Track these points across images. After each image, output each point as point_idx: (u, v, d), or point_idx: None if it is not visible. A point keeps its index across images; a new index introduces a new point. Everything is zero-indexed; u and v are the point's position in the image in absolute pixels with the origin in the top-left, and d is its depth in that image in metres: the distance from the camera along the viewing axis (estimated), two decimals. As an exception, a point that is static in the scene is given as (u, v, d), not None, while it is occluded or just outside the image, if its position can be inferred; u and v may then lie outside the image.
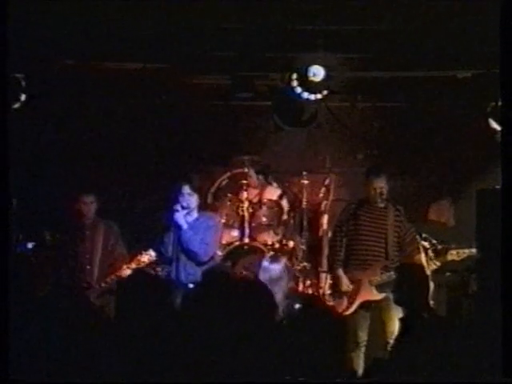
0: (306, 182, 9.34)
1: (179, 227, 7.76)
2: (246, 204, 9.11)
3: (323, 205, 9.41)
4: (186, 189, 7.79)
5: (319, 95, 8.46)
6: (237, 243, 9.05)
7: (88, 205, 8.10)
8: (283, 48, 8.15)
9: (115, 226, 8.24)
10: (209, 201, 9.27)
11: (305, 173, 9.34)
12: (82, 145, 9.35)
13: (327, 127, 9.53)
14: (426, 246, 7.94)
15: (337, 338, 5.13)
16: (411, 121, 9.53)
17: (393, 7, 7.49)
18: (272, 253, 8.57)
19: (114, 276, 7.76)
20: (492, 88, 7.94)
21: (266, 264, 7.21)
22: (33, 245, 8.35)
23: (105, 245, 8.13)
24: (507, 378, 4.82)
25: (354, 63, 8.44)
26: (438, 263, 7.95)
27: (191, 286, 7.37)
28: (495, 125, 8.49)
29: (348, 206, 8.16)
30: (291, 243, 9.21)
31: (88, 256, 8.08)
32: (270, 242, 9.08)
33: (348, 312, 7.74)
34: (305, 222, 9.33)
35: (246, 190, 9.19)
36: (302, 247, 9.27)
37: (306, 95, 8.44)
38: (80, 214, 8.11)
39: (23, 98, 8.10)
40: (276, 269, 7.07)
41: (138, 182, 9.50)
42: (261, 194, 9.35)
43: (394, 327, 7.14)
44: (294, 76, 8.37)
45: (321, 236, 9.35)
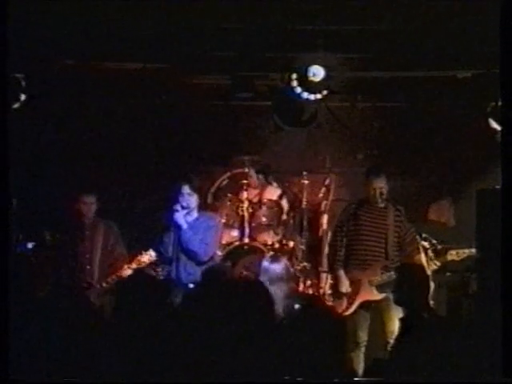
0: (306, 182, 9.34)
1: (179, 227, 7.75)
2: (245, 204, 9.11)
3: (323, 205, 9.41)
4: (186, 189, 7.79)
5: (319, 95, 8.46)
6: (237, 243, 9.05)
7: (88, 205, 8.10)
8: (283, 48, 8.15)
9: (115, 226, 8.24)
10: (209, 201, 9.26)
11: (305, 173, 9.34)
12: (82, 145, 9.35)
13: (327, 127, 9.53)
14: (425, 246, 7.94)
15: (337, 338, 5.12)
16: (411, 121, 9.52)
17: (393, 7, 7.50)
18: (272, 253, 8.58)
19: (115, 276, 7.76)
20: (492, 88, 7.94)
21: (266, 264, 7.22)
22: (33, 245, 8.36)
23: (105, 245, 8.13)
24: (507, 378, 4.82)
25: (353, 63, 8.44)
26: (438, 263, 7.95)
27: (191, 285, 7.37)
28: (495, 125, 8.48)
29: (348, 206, 8.16)
30: (291, 243, 9.21)
31: (88, 256, 8.09)
32: (269, 242, 9.08)
33: (348, 312, 7.74)
34: (305, 222, 9.33)
35: (246, 190, 9.19)
36: (302, 247, 9.26)
37: (305, 95, 8.44)
38: (80, 214, 8.12)
39: (23, 97, 8.10)
40: (276, 269, 7.08)
41: (138, 181, 9.50)
42: (261, 193, 9.35)
43: (394, 327, 7.14)
44: (294, 76, 8.37)
45: (321, 236, 9.35)
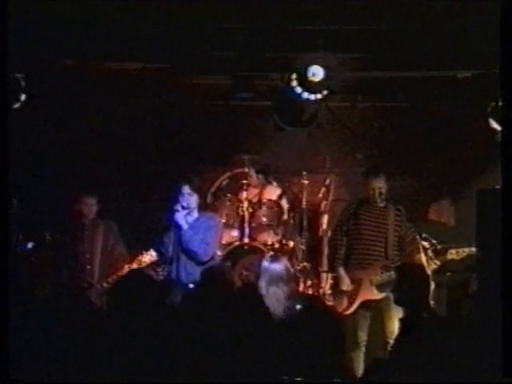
0: (306, 181, 9.34)
1: (179, 227, 7.75)
2: (245, 204, 9.11)
3: (323, 205, 9.42)
4: (186, 189, 7.78)
5: (319, 95, 8.46)
6: (237, 243, 9.05)
7: (89, 206, 8.12)
8: (283, 48, 8.15)
9: (115, 226, 8.24)
10: (209, 201, 9.26)
11: (305, 173, 9.34)
12: (82, 145, 9.35)
13: (327, 127, 9.52)
14: (425, 245, 7.94)
15: (337, 338, 5.13)
16: (411, 121, 9.52)
17: (393, 7, 7.50)
18: (271, 253, 8.57)
19: (116, 276, 7.76)
20: (492, 88, 7.94)
21: (266, 264, 7.21)
22: (33, 245, 8.36)
23: (105, 245, 8.13)
24: (507, 378, 4.82)
25: (353, 63, 8.44)
26: (438, 262, 7.95)
27: (191, 285, 7.37)
28: (495, 125, 8.48)
29: (348, 205, 8.16)
30: (291, 243, 9.20)
31: (88, 256, 8.09)
32: (270, 242, 9.08)
33: (348, 312, 7.74)
34: (305, 222, 9.33)
35: (246, 190, 9.18)
36: (302, 247, 9.26)
37: (305, 95, 8.44)
38: (80, 215, 8.12)
39: (23, 97, 8.10)
40: (277, 268, 7.07)
41: (138, 182, 9.50)
42: (261, 193, 9.35)
43: (394, 327, 7.14)
44: (294, 76, 8.37)
45: (321, 236, 9.35)
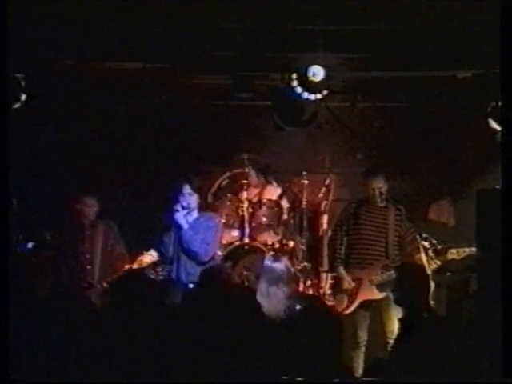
0: (306, 181, 9.33)
1: (179, 227, 7.74)
2: (245, 204, 9.10)
3: (323, 205, 9.41)
4: (187, 188, 7.77)
5: (319, 95, 8.46)
6: (237, 243, 9.04)
7: (89, 207, 8.13)
8: (283, 48, 8.15)
9: (115, 226, 8.25)
10: (209, 201, 9.25)
11: (305, 173, 9.34)
12: (82, 145, 9.35)
13: (327, 127, 9.52)
14: (426, 245, 7.94)
15: (337, 338, 5.13)
16: (411, 121, 9.52)
17: (393, 7, 7.49)
18: (272, 252, 8.57)
19: (116, 276, 7.75)
20: (492, 88, 7.93)
21: (267, 264, 7.21)
22: (33, 245, 8.36)
23: (105, 245, 8.14)
24: (507, 378, 4.82)
25: (354, 63, 8.43)
26: (438, 262, 7.96)
27: (191, 285, 7.36)
28: (495, 125, 8.48)
29: (348, 205, 8.16)
30: (291, 243, 9.20)
31: (88, 256, 8.09)
32: (270, 242, 9.07)
33: (348, 311, 7.74)
34: (305, 222, 9.32)
35: (246, 190, 9.18)
36: (302, 247, 9.25)
37: (306, 95, 8.44)
38: (80, 215, 8.13)
39: (23, 97, 8.10)
40: (278, 268, 7.07)
41: (138, 182, 9.49)
42: (261, 193, 9.34)
43: (394, 327, 7.14)
44: (294, 76, 8.36)
45: (321, 236, 9.34)
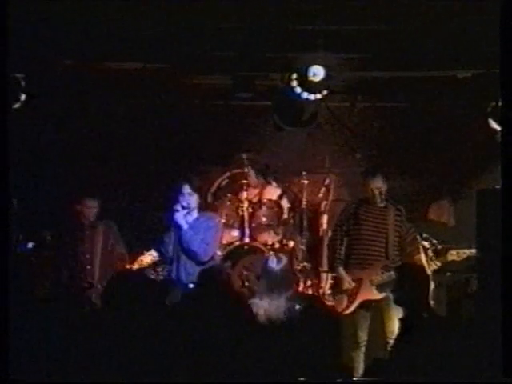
0: (306, 182, 9.34)
1: (179, 227, 7.73)
2: (245, 204, 9.10)
3: (323, 205, 9.41)
4: (187, 188, 7.76)
5: (319, 95, 8.45)
6: (237, 243, 9.04)
7: (90, 208, 8.14)
8: (283, 48, 8.14)
9: (115, 226, 8.25)
10: (209, 201, 9.25)
11: (305, 173, 9.34)
12: (82, 145, 9.35)
13: (327, 127, 9.52)
14: (426, 245, 7.94)
15: (337, 338, 5.13)
16: (411, 121, 9.52)
17: (393, 7, 7.49)
18: (272, 252, 8.56)
19: (115, 274, 7.74)
20: (492, 88, 7.93)
21: (268, 264, 7.21)
22: (33, 245, 8.36)
23: (105, 245, 8.14)
24: (507, 378, 4.82)
25: (354, 63, 8.43)
26: (438, 263, 7.96)
27: (191, 285, 7.36)
28: (495, 125, 8.48)
29: (348, 205, 8.15)
30: (291, 243, 9.20)
31: (88, 256, 8.10)
32: (270, 242, 9.07)
33: (348, 311, 7.74)
34: (305, 222, 9.32)
35: (246, 190, 9.18)
36: (302, 247, 9.26)
37: (305, 95, 8.44)
38: (81, 215, 8.14)
39: (23, 97, 8.10)
40: (278, 268, 7.07)
41: (138, 182, 9.49)
42: (261, 193, 9.34)
43: (394, 327, 7.14)
44: (294, 76, 8.36)
45: (321, 236, 9.35)
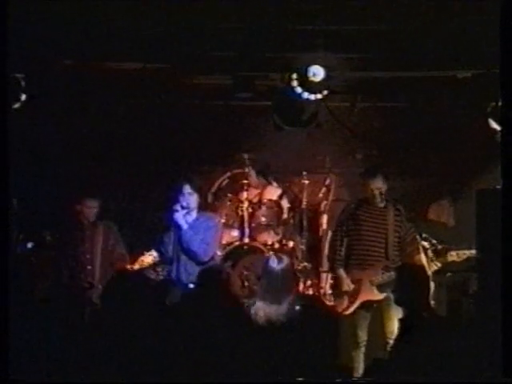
0: (306, 181, 9.34)
1: (179, 227, 7.73)
2: (245, 204, 9.10)
3: (323, 205, 9.42)
4: (187, 188, 7.75)
5: (319, 95, 8.45)
6: (237, 243, 9.05)
7: (91, 209, 8.14)
8: (283, 48, 8.14)
9: (115, 227, 8.25)
10: (209, 201, 9.25)
11: (305, 173, 9.35)
12: (82, 145, 9.35)
13: (327, 127, 9.52)
14: (426, 246, 7.94)
15: (337, 338, 5.13)
16: (411, 121, 9.52)
17: (393, 7, 7.49)
18: (272, 252, 8.56)
19: (116, 276, 7.74)
20: (492, 88, 7.93)
21: (269, 264, 7.20)
22: (33, 245, 8.36)
23: (105, 245, 8.14)
24: (507, 378, 4.82)
25: (353, 63, 8.42)
26: (438, 264, 7.97)
27: (191, 285, 7.36)
28: (495, 125, 8.48)
29: (348, 205, 8.15)
30: (291, 243, 9.20)
31: (88, 256, 8.10)
32: (270, 242, 9.08)
33: (348, 311, 7.74)
34: (305, 222, 9.33)
35: (246, 190, 9.18)
36: (302, 247, 9.26)
37: (306, 95, 8.43)
38: (81, 216, 8.14)
39: (23, 97, 8.09)
40: (279, 268, 7.06)
41: (138, 182, 9.50)
42: (261, 193, 9.34)
43: (394, 327, 7.14)
44: (294, 76, 8.36)
45: (321, 236, 9.35)
